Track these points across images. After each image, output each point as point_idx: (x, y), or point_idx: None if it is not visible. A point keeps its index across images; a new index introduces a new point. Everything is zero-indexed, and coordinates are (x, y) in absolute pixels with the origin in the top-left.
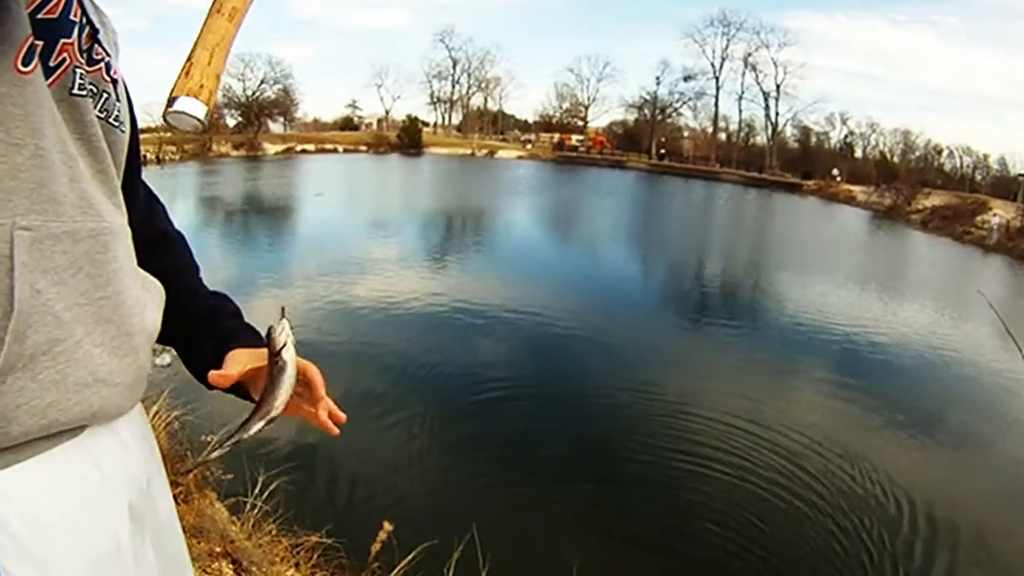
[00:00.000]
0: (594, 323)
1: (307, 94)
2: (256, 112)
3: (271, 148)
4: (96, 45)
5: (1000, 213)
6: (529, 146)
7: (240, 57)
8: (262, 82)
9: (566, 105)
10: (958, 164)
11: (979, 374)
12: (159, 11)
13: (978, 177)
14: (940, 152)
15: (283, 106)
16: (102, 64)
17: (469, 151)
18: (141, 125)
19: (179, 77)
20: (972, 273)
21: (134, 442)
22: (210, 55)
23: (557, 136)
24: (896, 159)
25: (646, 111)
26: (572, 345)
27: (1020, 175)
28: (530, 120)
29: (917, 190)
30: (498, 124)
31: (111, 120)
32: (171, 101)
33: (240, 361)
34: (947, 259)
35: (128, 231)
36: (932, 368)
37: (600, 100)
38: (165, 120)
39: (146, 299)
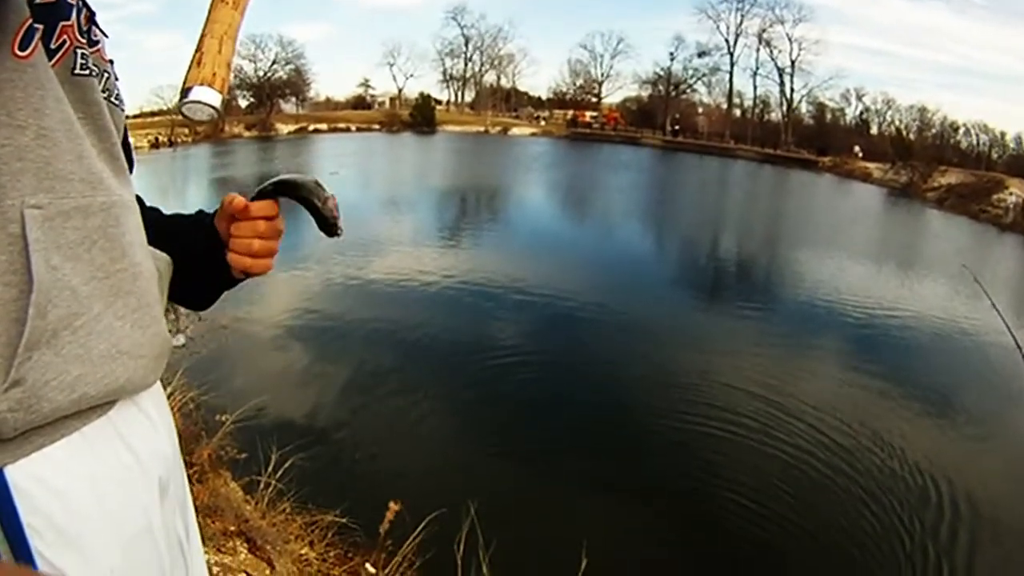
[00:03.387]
0: (607, 300)
1: (319, 74)
2: (268, 93)
3: (283, 128)
4: (94, 27)
5: (1017, 192)
6: (543, 123)
7: (251, 38)
8: (274, 63)
9: (580, 82)
10: (975, 142)
11: (994, 349)
12: None
13: (995, 155)
14: (956, 130)
15: (295, 86)
16: (101, 44)
17: (482, 128)
18: (152, 108)
19: (190, 68)
20: (988, 250)
21: (159, 417)
22: (219, 43)
23: (571, 113)
24: (912, 136)
25: (660, 87)
26: (584, 322)
27: None
28: (544, 97)
29: (933, 167)
30: (511, 101)
31: (113, 99)
32: (185, 92)
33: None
34: (963, 237)
35: (137, 206)
36: (945, 343)
37: (614, 76)
38: (181, 113)
39: (159, 271)
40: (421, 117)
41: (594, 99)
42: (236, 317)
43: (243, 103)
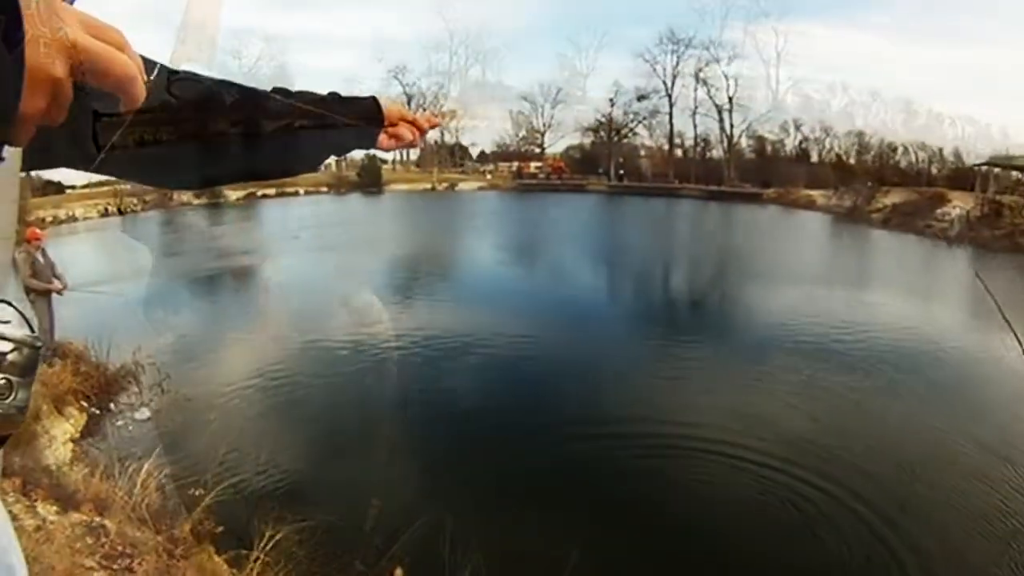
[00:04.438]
0: (568, 348)
1: None
2: None
3: (232, 194)
4: None
5: (959, 205)
6: (489, 177)
7: None
8: None
9: (522, 133)
10: (914, 160)
11: (965, 361)
12: None
13: (935, 171)
14: (895, 150)
15: None
16: None
17: (429, 186)
18: (100, 179)
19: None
20: (935, 263)
21: None
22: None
23: (515, 165)
24: (852, 161)
25: (602, 133)
26: (548, 371)
27: (975, 166)
28: (487, 151)
29: (875, 189)
30: (456, 157)
31: None
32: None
33: None
34: (910, 254)
35: None
36: (909, 362)
37: (556, 126)
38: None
39: None
40: (368, 177)
41: (538, 149)
42: (199, 388)
43: None
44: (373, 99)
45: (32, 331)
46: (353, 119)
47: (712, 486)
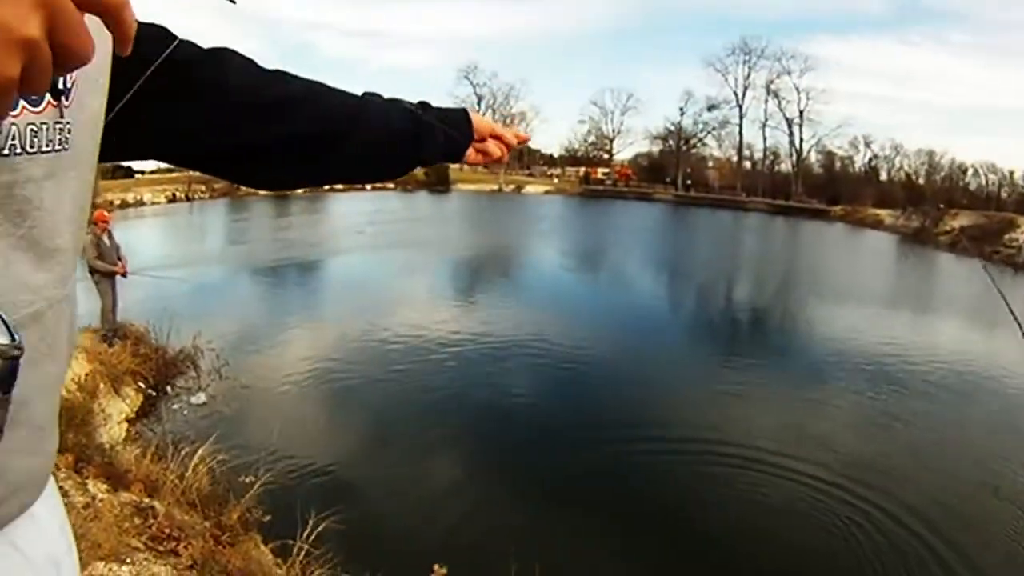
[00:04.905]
0: (622, 354)
1: None
2: None
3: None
4: None
5: None
6: (556, 181)
7: None
8: None
9: (591, 138)
10: (984, 182)
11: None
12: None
13: (1004, 195)
14: (965, 171)
15: None
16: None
17: (496, 187)
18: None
19: None
20: (1005, 290)
21: (49, 517)
22: None
23: (583, 170)
24: (922, 180)
25: (671, 142)
26: (600, 376)
27: None
28: (556, 154)
29: (944, 211)
30: (524, 159)
31: (43, 150)
32: None
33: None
34: (976, 280)
35: (66, 293)
36: (971, 390)
37: (625, 132)
38: None
39: (63, 371)
40: (435, 176)
41: (606, 155)
42: (256, 376)
43: None
44: (464, 111)
45: (13, 339)
46: (444, 132)
47: (766, 498)
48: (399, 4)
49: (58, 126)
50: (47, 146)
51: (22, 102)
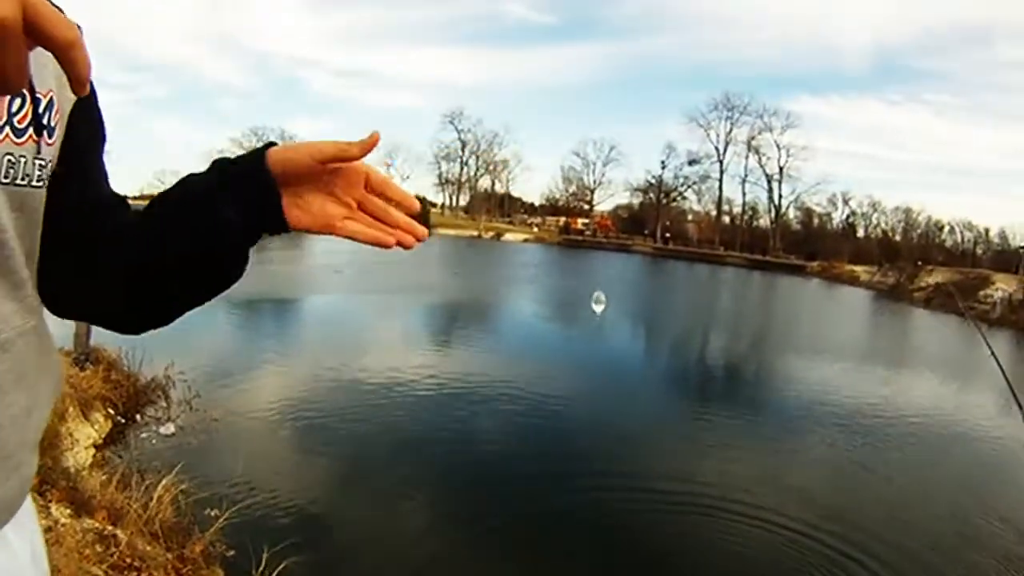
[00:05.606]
0: (593, 402)
1: None
2: None
3: None
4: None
5: (1003, 287)
6: (535, 229)
7: (254, 130)
8: None
9: (572, 188)
10: (959, 239)
11: (992, 448)
12: (185, 81)
13: (979, 251)
14: (941, 228)
15: None
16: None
17: (476, 233)
18: (153, 191)
19: None
20: (976, 347)
21: (19, 543)
22: None
23: (563, 219)
24: (898, 237)
25: (651, 195)
26: (570, 422)
27: (1021, 247)
28: (536, 203)
29: (919, 268)
30: (504, 207)
31: (17, 182)
32: None
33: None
34: (951, 336)
35: (34, 324)
36: (944, 443)
37: (606, 184)
38: None
39: (37, 401)
40: (416, 220)
41: (586, 206)
42: (227, 410)
43: None
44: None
45: None
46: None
47: (736, 545)
48: (390, 46)
49: (37, 162)
50: (22, 180)
51: (6, 129)
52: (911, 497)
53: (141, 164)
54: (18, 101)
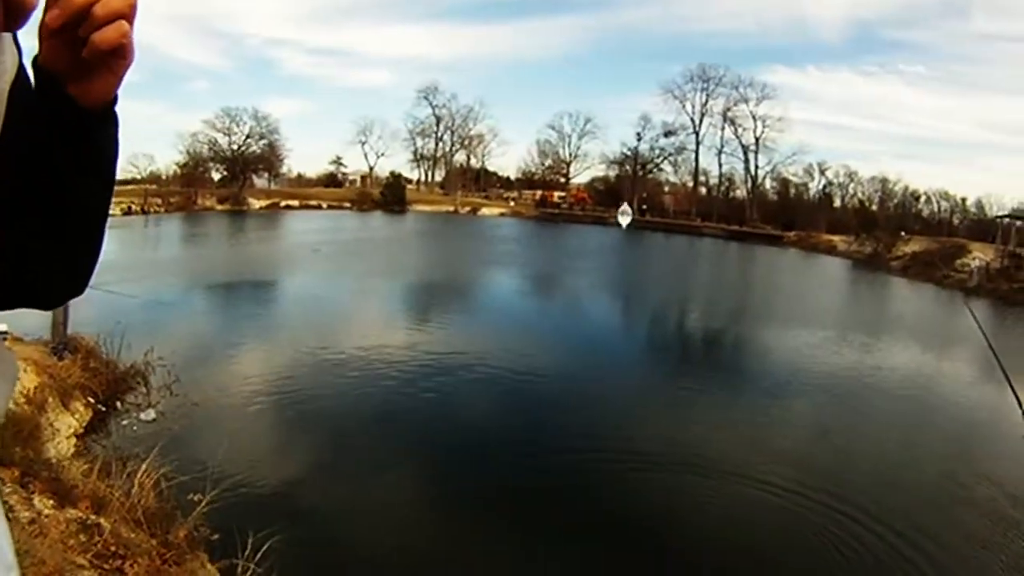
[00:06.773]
0: (574, 372)
1: (293, 150)
2: (241, 167)
3: (256, 203)
4: None
5: (980, 256)
6: (512, 203)
7: (227, 111)
8: (248, 136)
9: (548, 162)
10: (936, 209)
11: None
12: (157, 64)
13: (956, 221)
14: (918, 198)
15: (268, 161)
16: None
17: (452, 208)
18: (126, 176)
19: None
20: (955, 315)
21: None
22: None
23: (539, 193)
24: (875, 207)
25: (627, 167)
26: (557, 398)
27: (998, 217)
28: (512, 177)
29: (896, 237)
30: (480, 181)
31: None
32: None
33: None
34: (928, 303)
35: None
36: (923, 406)
37: (582, 157)
38: None
39: None
40: (392, 196)
41: (562, 179)
42: (207, 394)
43: (216, 176)
44: None
45: None
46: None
47: (722, 506)
48: (364, 24)
49: None
50: None
51: None
52: (898, 457)
53: None
54: None
